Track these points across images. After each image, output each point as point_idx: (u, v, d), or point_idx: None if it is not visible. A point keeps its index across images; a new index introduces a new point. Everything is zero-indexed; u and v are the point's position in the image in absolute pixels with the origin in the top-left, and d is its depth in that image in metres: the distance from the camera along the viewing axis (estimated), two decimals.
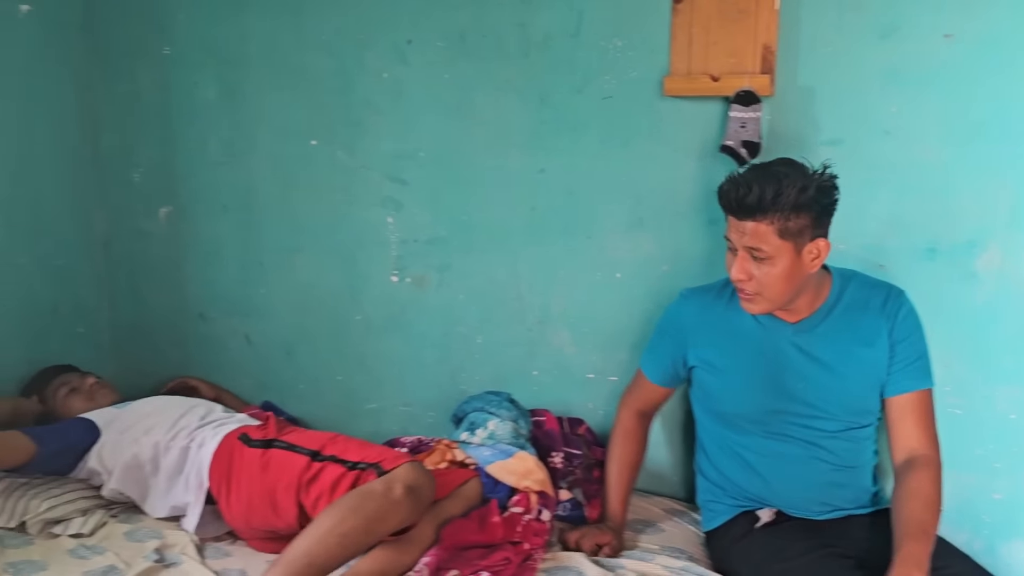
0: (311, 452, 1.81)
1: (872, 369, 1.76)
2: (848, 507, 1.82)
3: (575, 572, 1.72)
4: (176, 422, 2.00)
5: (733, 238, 1.68)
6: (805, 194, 1.60)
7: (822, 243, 1.67)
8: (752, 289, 1.68)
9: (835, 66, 1.88)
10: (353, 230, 2.33)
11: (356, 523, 1.58)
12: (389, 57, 2.20)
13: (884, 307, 1.76)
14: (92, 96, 2.48)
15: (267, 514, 1.79)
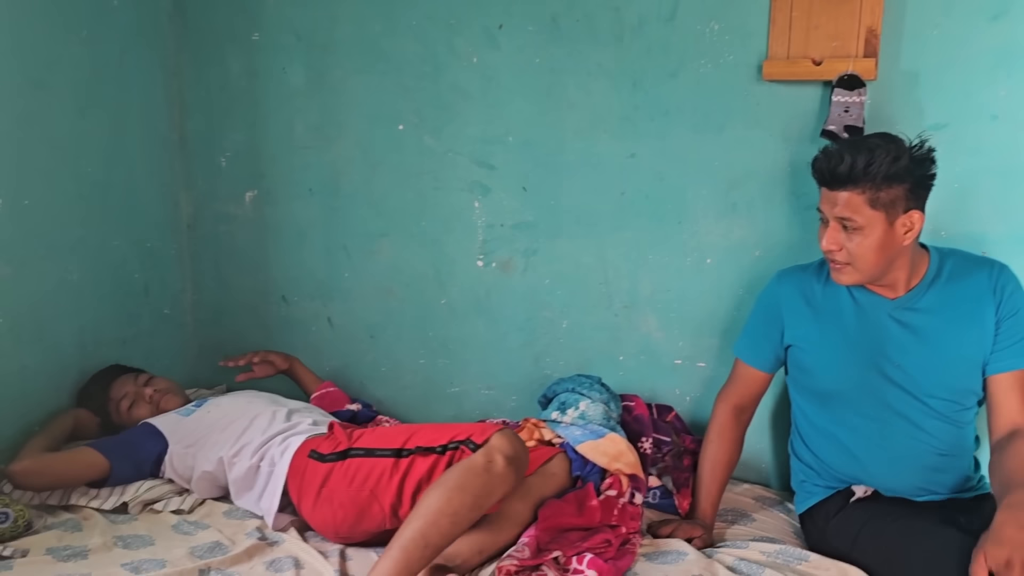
0: (393, 451, 1.79)
1: (977, 346, 1.73)
2: (946, 493, 1.79)
3: (676, 554, 1.72)
4: (239, 438, 1.98)
5: (824, 209, 1.68)
6: (898, 164, 1.60)
7: (916, 215, 1.65)
8: (842, 259, 1.68)
9: (941, 49, 1.85)
10: (439, 215, 2.34)
11: (464, 500, 1.59)
12: (479, 42, 2.21)
13: (990, 283, 1.73)
14: (180, 82, 2.53)
15: (356, 522, 1.79)
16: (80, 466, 1.97)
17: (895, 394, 1.75)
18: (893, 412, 1.76)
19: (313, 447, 1.88)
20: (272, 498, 1.87)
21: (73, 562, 1.70)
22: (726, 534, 1.89)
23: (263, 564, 1.72)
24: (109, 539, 1.79)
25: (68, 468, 1.96)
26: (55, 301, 2.20)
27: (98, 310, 2.33)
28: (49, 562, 1.69)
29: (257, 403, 2.12)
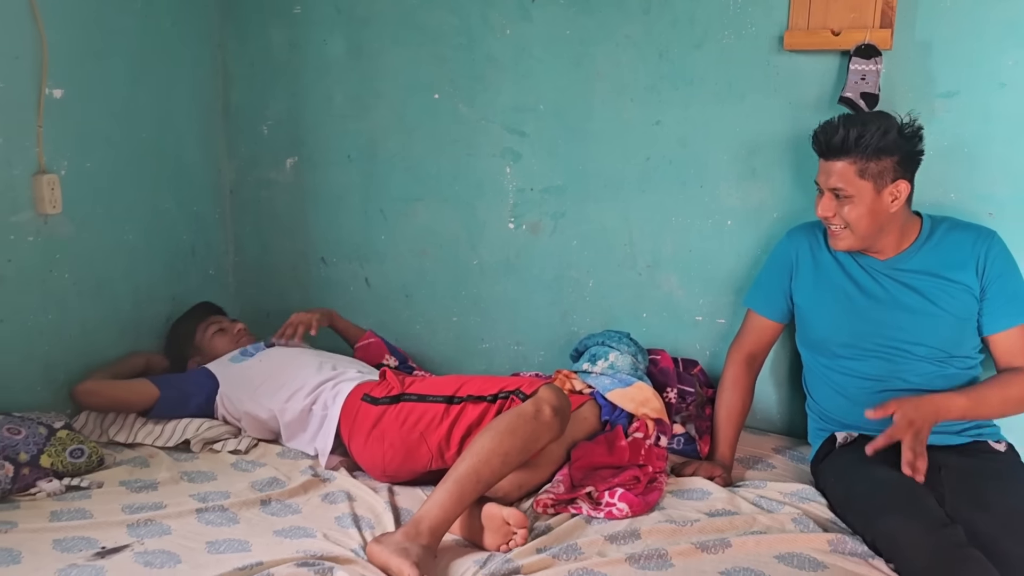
0: (445, 398, 1.94)
1: (962, 305, 1.87)
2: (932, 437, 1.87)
3: (700, 491, 1.87)
4: (290, 385, 2.11)
5: (820, 180, 1.86)
6: (887, 137, 1.76)
7: (903, 185, 1.81)
8: (837, 224, 1.85)
9: (953, 20, 1.95)
10: (472, 179, 2.47)
11: (514, 443, 1.73)
12: (512, 15, 2.33)
13: (975, 249, 1.88)
14: (225, 54, 2.66)
15: (404, 461, 1.92)
16: (132, 392, 2.16)
17: (883, 339, 1.90)
18: (883, 360, 1.91)
19: (366, 391, 2.02)
20: (327, 438, 2.01)
21: (145, 492, 1.86)
22: (746, 475, 2.02)
23: (318, 496, 1.87)
24: (175, 473, 1.95)
25: (121, 392, 2.16)
26: (113, 259, 2.35)
27: (150, 269, 2.48)
28: (123, 492, 1.85)
29: (305, 356, 2.25)
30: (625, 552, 1.63)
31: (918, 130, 1.80)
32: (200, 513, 1.76)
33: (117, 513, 1.76)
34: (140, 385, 2.18)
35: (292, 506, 1.82)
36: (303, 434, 2.09)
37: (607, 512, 1.78)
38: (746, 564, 1.59)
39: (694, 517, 1.77)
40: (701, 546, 1.64)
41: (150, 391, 2.16)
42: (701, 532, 1.71)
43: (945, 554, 1.56)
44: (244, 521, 1.75)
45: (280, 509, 1.81)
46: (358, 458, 1.99)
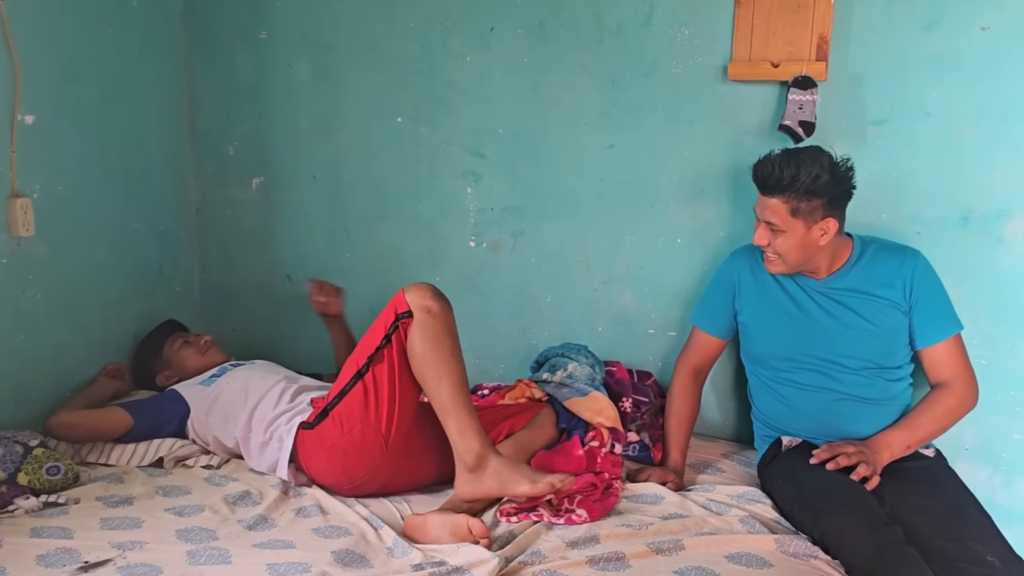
0: (354, 377, 1.97)
1: (891, 320, 2.02)
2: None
3: (654, 496, 1.99)
4: (251, 415, 2.17)
5: (757, 211, 2.00)
6: (818, 181, 1.90)
7: (831, 223, 1.96)
8: (771, 253, 2.00)
9: (882, 54, 2.11)
10: (434, 199, 2.57)
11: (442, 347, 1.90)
12: (472, 43, 2.43)
13: (902, 269, 2.03)
14: (191, 77, 2.72)
15: (365, 456, 1.99)
16: (107, 421, 2.20)
17: (819, 352, 2.05)
18: (818, 372, 2.06)
19: (304, 422, 2.08)
20: (283, 471, 2.07)
21: (121, 508, 1.92)
22: (696, 479, 2.15)
23: (292, 511, 1.94)
24: (150, 488, 2.01)
25: (96, 423, 2.20)
26: (84, 279, 2.40)
27: (119, 287, 2.53)
28: (100, 508, 1.91)
29: (269, 378, 2.28)
30: (585, 555, 1.73)
31: (849, 170, 1.95)
32: (179, 531, 1.82)
33: (96, 528, 1.82)
34: (114, 414, 2.21)
35: (269, 520, 1.90)
36: (266, 464, 2.13)
37: (567, 518, 1.88)
38: (698, 563, 1.70)
39: (649, 521, 1.88)
40: (656, 548, 1.75)
41: (124, 419, 2.20)
42: (656, 535, 1.82)
43: (887, 551, 1.71)
44: (223, 536, 1.81)
45: (257, 522, 1.88)
46: (326, 480, 2.05)
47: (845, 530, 1.74)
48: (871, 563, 1.70)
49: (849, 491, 1.85)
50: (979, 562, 1.79)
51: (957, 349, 2.04)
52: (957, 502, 1.93)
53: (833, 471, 1.90)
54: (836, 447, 1.95)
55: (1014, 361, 2.15)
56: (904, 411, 2.07)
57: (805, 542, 1.78)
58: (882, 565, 1.69)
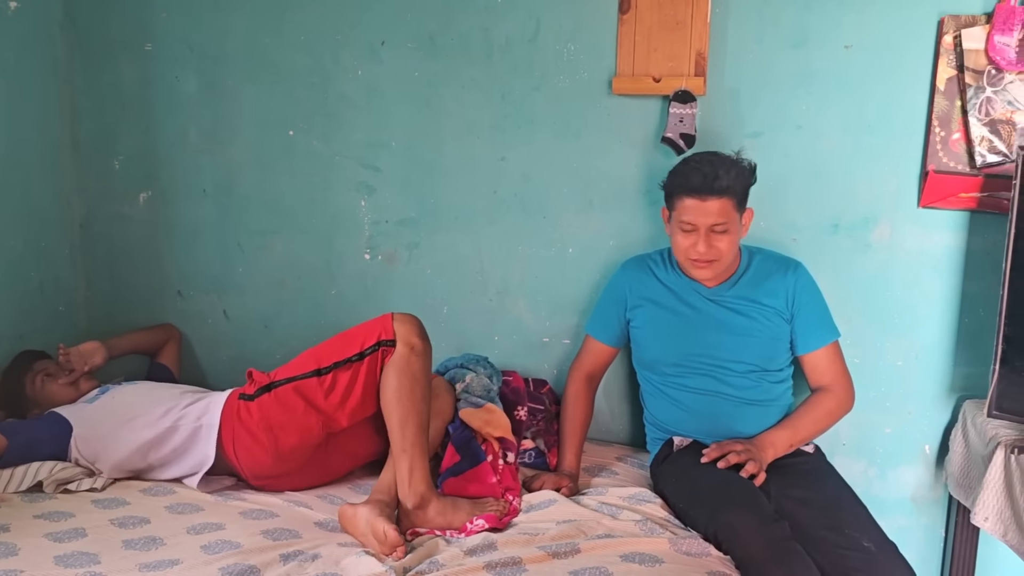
0: (312, 372, 2.01)
1: (775, 327, 2.13)
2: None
3: (547, 502, 2.02)
4: (150, 411, 2.12)
5: (695, 220, 2.03)
6: (743, 174, 2.01)
7: (749, 212, 2.08)
8: (711, 257, 2.06)
9: (755, 70, 2.22)
10: (328, 213, 2.56)
11: (416, 387, 1.95)
12: (364, 56, 2.44)
13: (784, 276, 2.14)
14: (73, 88, 2.64)
15: (301, 439, 2.00)
16: None
17: (708, 357, 2.13)
18: (706, 376, 2.14)
19: (242, 391, 2.08)
20: (207, 449, 2.05)
21: None
22: (591, 483, 2.19)
23: (183, 529, 1.89)
24: (27, 514, 1.92)
25: None
26: None
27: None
28: None
29: (159, 389, 2.26)
30: (483, 561, 1.75)
31: (753, 163, 2.07)
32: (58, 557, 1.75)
33: None
34: None
35: (157, 539, 1.84)
36: (175, 459, 2.09)
37: (468, 531, 1.90)
38: (593, 564, 1.73)
39: (545, 527, 1.91)
40: (552, 552, 1.78)
41: None
42: (552, 540, 1.84)
43: (775, 545, 1.79)
44: (105, 561, 1.75)
45: (143, 542, 1.83)
46: (247, 461, 2.03)
47: (738, 526, 1.81)
48: (761, 557, 1.77)
49: (741, 488, 1.92)
50: (857, 548, 1.91)
51: (835, 355, 2.16)
52: (836, 494, 2.04)
53: (723, 468, 1.98)
54: (725, 446, 2.03)
55: (884, 359, 2.28)
56: (786, 411, 2.17)
57: (698, 540, 1.85)
58: (771, 559, 1.77)
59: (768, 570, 1.75)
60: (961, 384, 2.24)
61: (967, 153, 2.11)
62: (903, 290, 2.23)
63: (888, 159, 2.19)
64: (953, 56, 2.08)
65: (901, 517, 2.31)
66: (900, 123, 2.16)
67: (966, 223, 2.17)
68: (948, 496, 2.27)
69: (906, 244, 2.21)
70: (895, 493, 2.32)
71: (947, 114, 2.11)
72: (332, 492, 2.13)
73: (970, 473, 2.09)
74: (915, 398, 2.27)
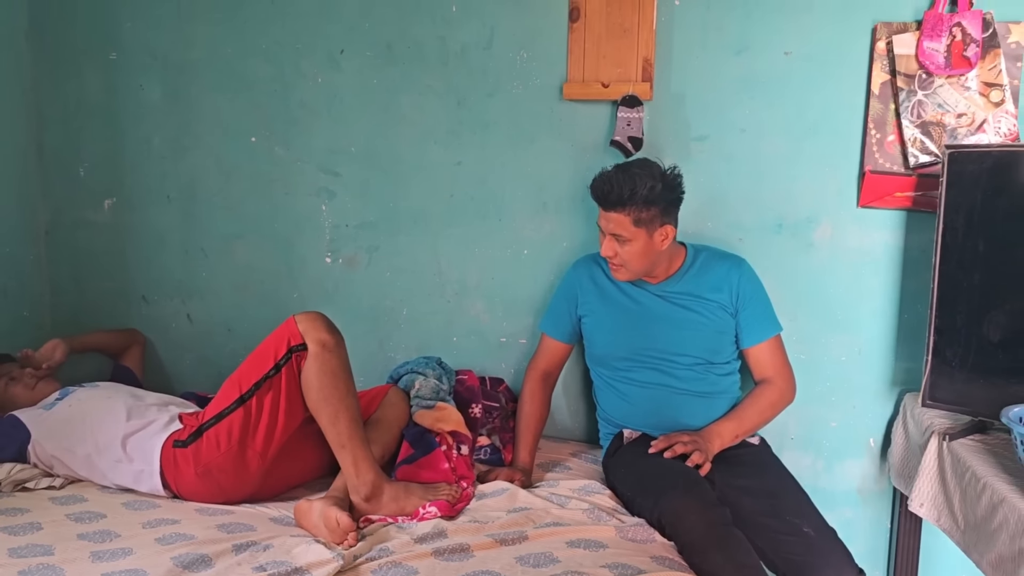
0: (236, 402, 2.00)
1: (719, 320, 2.20)
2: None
3: (500, 491, 2.07)
4: (101, 434, 2.12)
5: (601, 224, 2.14)
6: (654, 191, 2.06)
7: (669, 228, 2.13)
8: (618, 262, 2.15)
9: (700, 76, 2.30)
10: (290, 217, 2.61)
11: (338, 382, 1.96)
12: (323, 64, 2.51)
13: (728, 273, 2.22)
14: (37, 96, 2.69)
15: (239, 477, 2.02)
16: None
17: (655, 351, 2.20)
18: (654, 370, 2.21)
19: (175, 438, 2.08)
20: (154, 486, 2.07)
21: None
22: (544, 477, 2.24)
23: (139, 524, 1.92)
24: None
25: None
26: None
27: None
28: None
29: (115, 398, 2.24)
30: (431, 547, 1.79)
31: (678, 177, 2.12)
32: (12, 549, 1.77)
33: None
34: None
35: (112, 532, 1.87)
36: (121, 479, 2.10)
37: (420, 516, 1.94)
38: (539, 551, 1.78)
39: (495, 516, 1.96)
40: (501, 539, 1.83)
41: None
42: (501, 527, 1.90)
43: (716, 530, 1.85)
44: (59, 551, 1.77)
45: (97, 535, 1.86)
46: (194, 498, 2.05)
47: (680, 510, 1.87)
48: (703, 540, 1.83)
49: (684, 476, 1.98)
50: (797, 533, 1.98)
51: (777, 348, 2.23)
52: (778, 483, 2.11)
53: (670, 459, 2.04)
54: (672, 437, 2.09)
55: (828, 355, 2.35)
56: (733, 403, 2.23)
57: (644, 527, 1.91)
58: (712, 543, 1.83)
59: (709, 554, 1.81)
60: (902, 378, 2.31)
61: (901, 154, 2.20)
62: (845, 287, 2.31)
63: (828, 161, 2.27)
64: (886, 61, 2.17)
65: (848, 509, 2.38)
66: (839, 126, 2.25)
67: (903, 222, 2.25)
68: (892, 488, 2.34)
69: (847, 243, 2.29)
70: (842, 485, 2.39)
71: (882, 117, 2.20)
72: (290, 493, 2.16)
73: (909, 463, 2.16)
74: (859, 392, 2.34)
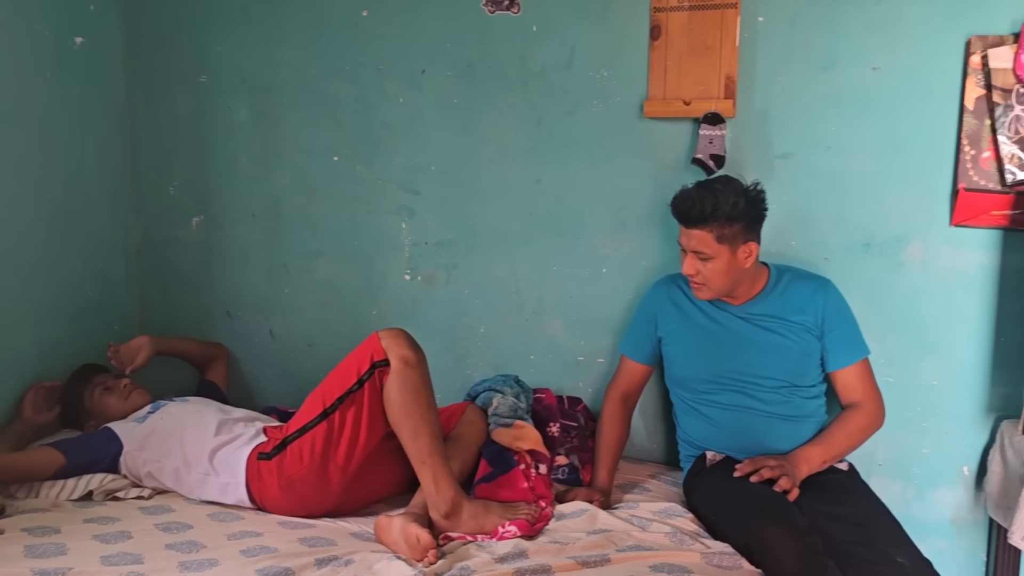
0: (320, 416, 2.03)
1: (804, 343, 2.14)
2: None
3: (580, 511, 2.05)
4: (190, 447, 2.18)
5: (683, 242, 2.11)
6: (737, 207, 2.02)
7: (753, 246, 2.09)
8: (700, 280, 2.11)
9: (785, 93, 2.26)
10: (370, 235, 2.65)
11: (420, 399, 1.98)
12: (405, 84, 2.55)
13: (813, 294, 2.16)
14: (133, 119, 2.79)
15: (320, 490, 2.05)
16: (37, 464, 2.18)
17: (738, 373, 2.16)
18: (737, 392, 2.16)
19: (259, 450, 2.13)
20: (240, 498, 2.12)
21: (47, 536, 1.90)
22: (623, 498, 2.21)
23: (223, 535, 1.96)
24: (78, 519, 2.01)
25: (26, 465, 2.17)
26: (18, 315, 2.42)
27: (56, 325, 2.55)
28: (24, 538, 1.89)
29: (204, 412, 2.30)
30: (513, 568, 1.77)
31: (761, 193, 2.08)
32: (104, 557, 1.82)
33: (20, 556, 1.80)
34: (45, 455, 2.19)
35: (197, 543, 1.91)
36: (208, 493, 2.15)
37: (499, 535, 1.93)
38: (623, 575, 1.74)
39: (576, 537, 1.94)
40: (583, 562, 1.79)
41: (55, 460, 2.17)
42: (583, 549, 1.87)
43: (807, 559, 1.78)
44: (148, 560, 1.82)
45: (185, 546, 1.90)
46: (277, 511, 2.09)
47: (769, 537, 1.81)
48: (793, 569, 1.77)
49: (772, 501, 1.93)
50: (890, 563, 1.90)
51: (865, 372, 2.17)
52: (868, 510, 2.03)
53: (756, 483, 1.99)
54: (758, 461, 2.04)
55: (919, 379, 2.27)
56: (820, 427, 2.17)
57: (730, 552, 1.85)
58: (803, 573, 1.76)
59: None
60: (999, 404, 2.22)
61: (997, 171, 2.12)
62: (937, 309, 2.23)
63: (919, 178, 2.21)
64: (981, 75, 2.11)
65: (941, 540, 2.28)
66: (930, 142, 2.18)
67: (999, 241, 2.17)
68: (988, 518, 2.24)
69: (939, 263, 2.22)
70: (934, 515, 2.30)
71: (976, 133, 2.13)
72: (370, 509, 2.18)
73: (1009, 494, 2.07)
74: (952, 418, 2.26)
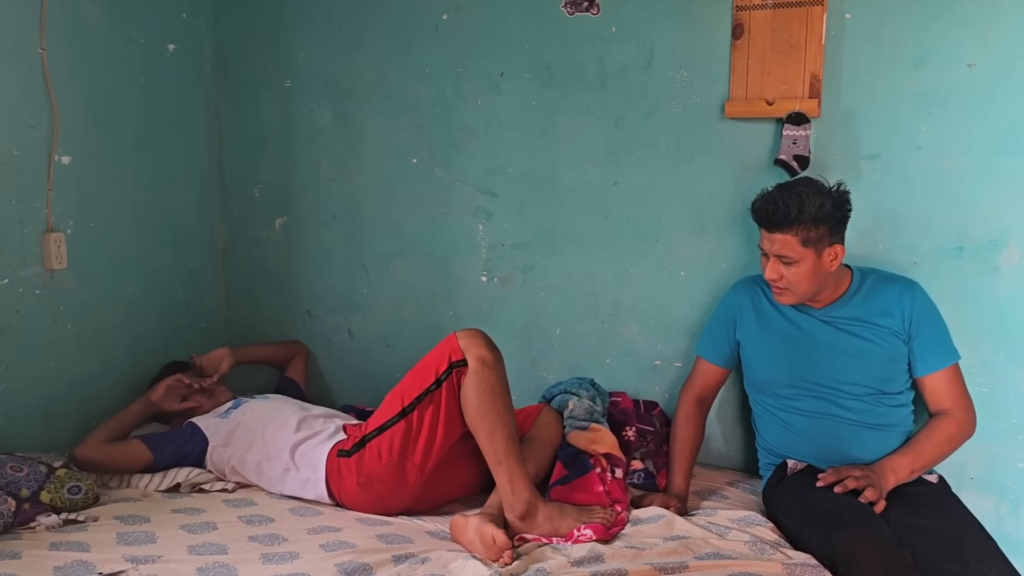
0: (399, 415, 2.06)
1: (890, 347, 2.07)
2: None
3: (656, 516, 2.02)
4: (272, 442, 2.23)
5: (765, 246, 2.06)
6: (823, 209, 1.97)
7: (839, 248, 2.03)
8: (783, 285, 2.05)
9: (873, 91, 2.19)
10: (448, 236, 2.67)
11: (497, 399, 1.98)
12: (483, 87, 2.56)
13: (900, 297, 2.08)
14: (220, 123, 2.88)
15: (398, 487, 2.08)
16: (128, 459, 2.27)
17: (821, 384, 2.09)
18: (820, 399, 2.10)
19: (339, 448, 2.17)
20: (319, 494, 2.17)
21: (138, 525, 1.99)
22: (700, 505, 2.17)
23: (304, 529, 2.01)
24: (166, 509, 2.09)
25: (117, 460, 2.27)
26: (112, 313, 2.52)
27: (147, 322, 2.65)
28: (117, 524, 1.99)
29: (286, 409, 2.36)
30: (589, 571, 1.76)
31: (845, 194, 2.02)
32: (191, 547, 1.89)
33: (112, 543, 1.89)
34: (135, 451, 2.27)
35: (279, 536, 1.96)
36: (289, 487, 2.20)
37: (574, 538, 1.92)
38: None
39: (652, 542, 1.92)
40: (660, 568, 1.77)
41: (144, 456, 2.27)
42: (660, 556, 1.85)
43: (896, 573, 1.72)
44: (232, 551, 1.88)
45: (267, 538, 1.94)
46: (355, 507, 2.13)
47: (856, 549, 1.75)
48: None
49: (858, 512, 1.87)
50: None
51: (955, 378, 2.08)
52: (960, 525, 1.94)
53: (841, 494, 1.93)
54: (843, 471, 1.98)
55: (1015, 389, 2.17)
56: (907, 436, 2.10)
57: (814, 565, 1.80)
58: None
59: None
60: None
61: None
62: None
63: (1016, 180, 2.11)
64: None
65: None
66: None
67: None
68: None
69: None
70: None
71: None
72: (445, 508, 2.20)
73: None
74: None
